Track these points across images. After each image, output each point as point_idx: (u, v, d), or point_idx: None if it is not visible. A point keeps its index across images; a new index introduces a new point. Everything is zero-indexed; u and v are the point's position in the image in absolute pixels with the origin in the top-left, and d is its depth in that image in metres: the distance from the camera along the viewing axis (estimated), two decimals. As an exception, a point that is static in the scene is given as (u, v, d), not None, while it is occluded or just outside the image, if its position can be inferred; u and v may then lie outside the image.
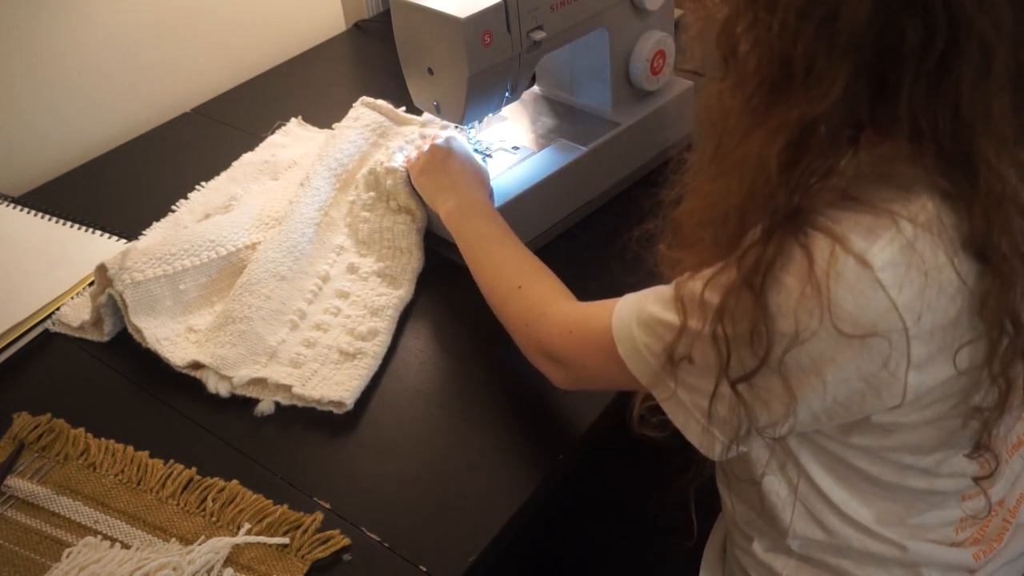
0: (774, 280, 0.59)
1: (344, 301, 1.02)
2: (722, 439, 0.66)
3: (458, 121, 1.03)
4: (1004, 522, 0.77)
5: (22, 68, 1.25)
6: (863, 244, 0.57)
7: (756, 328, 0.59)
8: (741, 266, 0.60)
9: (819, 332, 0.58)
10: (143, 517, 0.82)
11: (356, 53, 1.59)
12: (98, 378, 0.96)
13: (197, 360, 0.94)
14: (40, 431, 0.89)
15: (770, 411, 0.63)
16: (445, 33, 0.94)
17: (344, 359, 0.94)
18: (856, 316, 0.57)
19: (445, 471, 0.85)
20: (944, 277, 0.58)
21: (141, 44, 1.37)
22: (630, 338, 0.69)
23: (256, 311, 0.97)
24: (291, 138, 1.32)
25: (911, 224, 0.58)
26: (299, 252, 1.05)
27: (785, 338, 0.59)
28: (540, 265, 0.90)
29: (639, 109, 1.17)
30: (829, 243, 0.58)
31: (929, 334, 0.59)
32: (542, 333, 0.81)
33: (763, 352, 0.60)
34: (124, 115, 1.38)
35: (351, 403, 0.89)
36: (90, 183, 1.27)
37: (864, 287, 0.57)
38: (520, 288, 0.86)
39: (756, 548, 0.78)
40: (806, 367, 0.60)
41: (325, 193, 1.12)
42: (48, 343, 1.01)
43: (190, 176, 1.25)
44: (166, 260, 1.00)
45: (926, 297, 0.58)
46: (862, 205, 0.59)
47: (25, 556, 0.79)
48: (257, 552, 0.78)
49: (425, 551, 0.78)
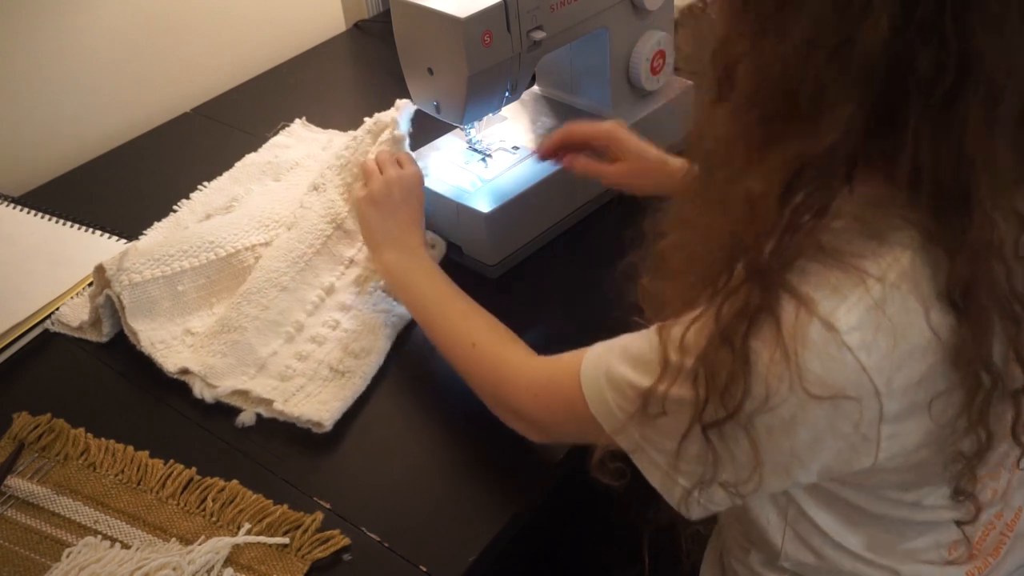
0: (748, 341, 0.57)
1: (345, 314, 1.00)
2: (685, 485, 0.64)
3: (458, 121, 1.03)
4: (1002, 535, 0.76)
5: (22, 68, 1.26)
6: (828, 306, 0.56)
7: (732, 381, 0.58)
8: (719, 318, 0.58)
9: (789, 397, 0.57)
10: (143, 517, 0.82)
11: (356, 53, 1.59)
12: (98, 378, 0.96)
13: (187, 367, 0.94)
14: (40, 431, 0.89)
15: (736, 466, 0.61)
16: (445, 33, 0.94)
17: (333, 376, 0.93)
18: (825, 379, 0.56)
19: (445, 471, 0.85)
20: (915, 334, 0.57)
21: (141, 44, 1.37)
22: (602, 400, 0.67)
23: (252, 321, 0.97)
24: (295, 139, 1.32)
25: (880, 283, 0.56)
26: (304, 263, 1.03)
27: (756, 400, 0.58)
28: (490, 319, 0.87)
29: (639, 109, 1.17)
30: (794, 305, 0.56)
31: (901, 391, 0.57)
32: (508, 395, 0.79)
33: (734, 406, 0.58)
34: (124, 115, 1.38)
35: (330, 425, 0.87)
36: (90, 183, 1.27)
37: (831, 350, 0.55)
38: (474, 346, 0.83)
39: (753, 561, 0.77)
40: (775, 430, 0.58)
41: (339, 205, 1.09)
42: (48, 343, 1.01)
43: (190, 176, 1.25)
44: (164, 261, 1.00)
45: (896, 357, 0.56)
46: (831, 259, 0.57)
47: (25, 556, 0.79)
48: (257, 552, 0.78)
49: (425, 551, 0.78)
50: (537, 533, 0.97)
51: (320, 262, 1.05)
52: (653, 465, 0.65)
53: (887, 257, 0.57)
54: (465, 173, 1.08)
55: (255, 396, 0.91)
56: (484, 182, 1.07)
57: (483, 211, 1.01)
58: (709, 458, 0.61)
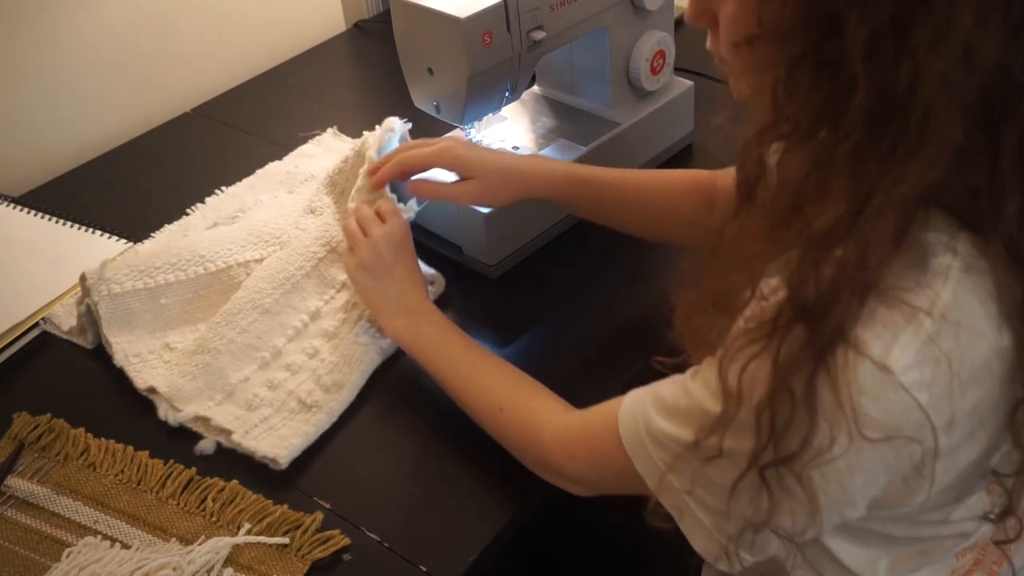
0: (811, 384, 0.55)
1: (327, 343, 0.96)
2: (729, 542, 0.62)
3: (458, 121, 1.03)
4: None
5: (23, 68, 1.26)
6: (880, 349, 0.54)
7: (792, 427, 0.56)
8: (777, 361, 0.56)
9: (847, 443, 0.55)
10: (143, 517, 0.82)
11: (356, 53, 1.59)
12: (98, 378, 0.96)
13: (154, 387, 0.92)
14: (40, 431, 0.89)
15: (792, 513, 0.59)
16: (445, 33, 0.94)
17: (300, 409, 0.89)
18: (883, 422, 0.55)
19: (445, 471, 0.85)
20: (971, 363, 0.55)
21: (141, 44, 1.37)
22: (647, 457, 0.65)
23: (227, 344, 0.94)
24: (323, 148, 1.27)
25: (929, 316, 0.54)
26: (291, 285, 1.00)
27: (817, 445, 0.56)
28: (514, 373, 0.84)
29: (639, 109, 1.17)
30: (843, 350, 0.54)
31: (959, 424, 0.56)
32: (545, 457, 0.77)
33: (792, 451, 0.56)
34: (124, 115, 1.38)
35: (285, 463, 0.84)
36: (90, 183, 1.27)
37: (888, 392, 0.54)
38: (502, 411, 0.81)
39: None
40: (831, 474, 0.57)
41: (335, 229, 1.06)
42: (48, 343, 1.01)
43: (190, 176, 1.25)
44: (148, 273, 0.98)
45: (953, 391, 0.55)
46: (877, 292, 0.55)
47: (25, 556, 0.79)
48: (257, 552, 0.78)
49: (425, 551, 0.78)
50: (537, 533, 0.97)
51: (309, 285, 1.01)
52: (697, 525, 0.64)
53: (933, 287, 0.55)
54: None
55: (215, 425, 0.88)
56: (484, 182, 1.07)
57: (483, 211, 1.01)
58: (764, 506, 0.59)
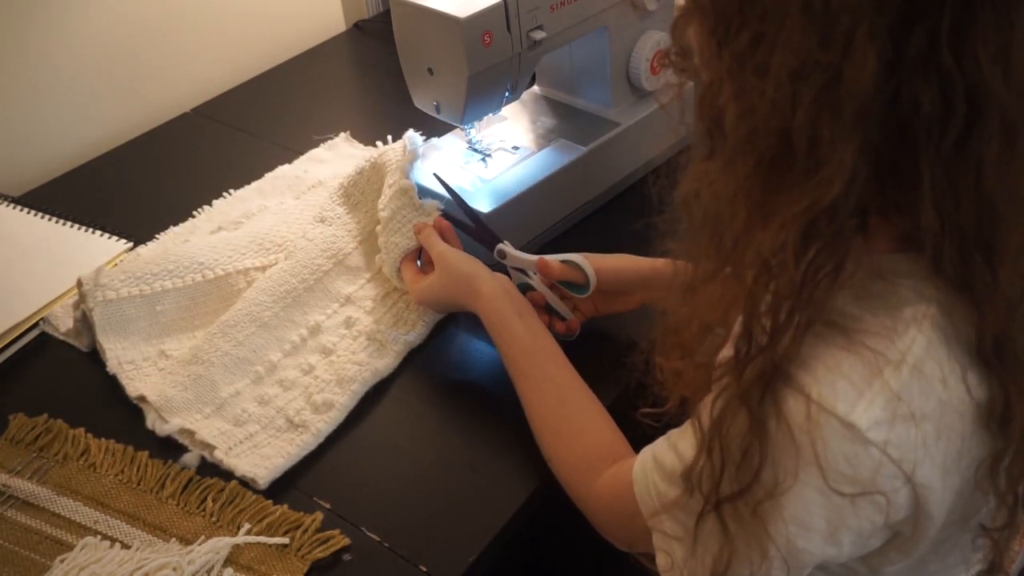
0: (770, 433, 0.55)
1: (323, 359, 0.94)
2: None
3: (458, 121, 1.03)
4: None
5: (22, 68, 1.25)
6: (845, 406, 0.53)
7: (745, 458, 0.55)
8: (734, 396, 0.56)
9: (814, 496, 0.55)
10: (143, 517, 0.82)
11: (356, 53, 1.59)
12: (98, 379, 0.96)
13: (145, 395, 0.91)
14: (38, 431, 0.89)
15: (751, 554, 0.58)
16: (445, 33, 0.94)
17: (287, 428, 0.88)
18: (853, 476, 0.54)
19: (445, 471, 0.85)
20: (942, 411, 0.54)
21: (141, 44, 1.37)
22: (658, 516, 0.65)
23: (221, 356, 0.93)
24: (334, 153, 1.26)
25: (897, 369, 0.53)
26: (292, 299, 0.99)
27: (766, 485, 0.56)
28: (591, 412, 0.81)
29: (639, 109, 1.17)
30: (803, 403, 0.53)
31: (934, 472, 0.55)
32: (585, 505, 0.78)
33: (757, 500, 0.56)
34: (124, 115, 1.38)
35: (264, 484, 0.82)
36: (90, 183, 1.27)
37: (856, 448, 0.53)
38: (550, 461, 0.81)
39: None
40: (788, 518, 0.56)
41: (344, 241, 1.05)
42: (48, 343, 1.01)
43: (190, 176, 1.25)
44: (144, 280, 0.97)
45: (925, 441, 0.54)
46: (842, 338, 0.54)
47: (25, 556, 0.79)
48: (257, 552, 0.78)
49: (425, 551, 0.78)
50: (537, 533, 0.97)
51: (311, 299, 1.00)
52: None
53: (904, 337, 0.54)
54: (465, 173, 1.08)
55: (199, 439, 0.87)
56: (484, 182, 1.07)
57: (483, 211, 1.01)
58: (724, 556, 0.59)
